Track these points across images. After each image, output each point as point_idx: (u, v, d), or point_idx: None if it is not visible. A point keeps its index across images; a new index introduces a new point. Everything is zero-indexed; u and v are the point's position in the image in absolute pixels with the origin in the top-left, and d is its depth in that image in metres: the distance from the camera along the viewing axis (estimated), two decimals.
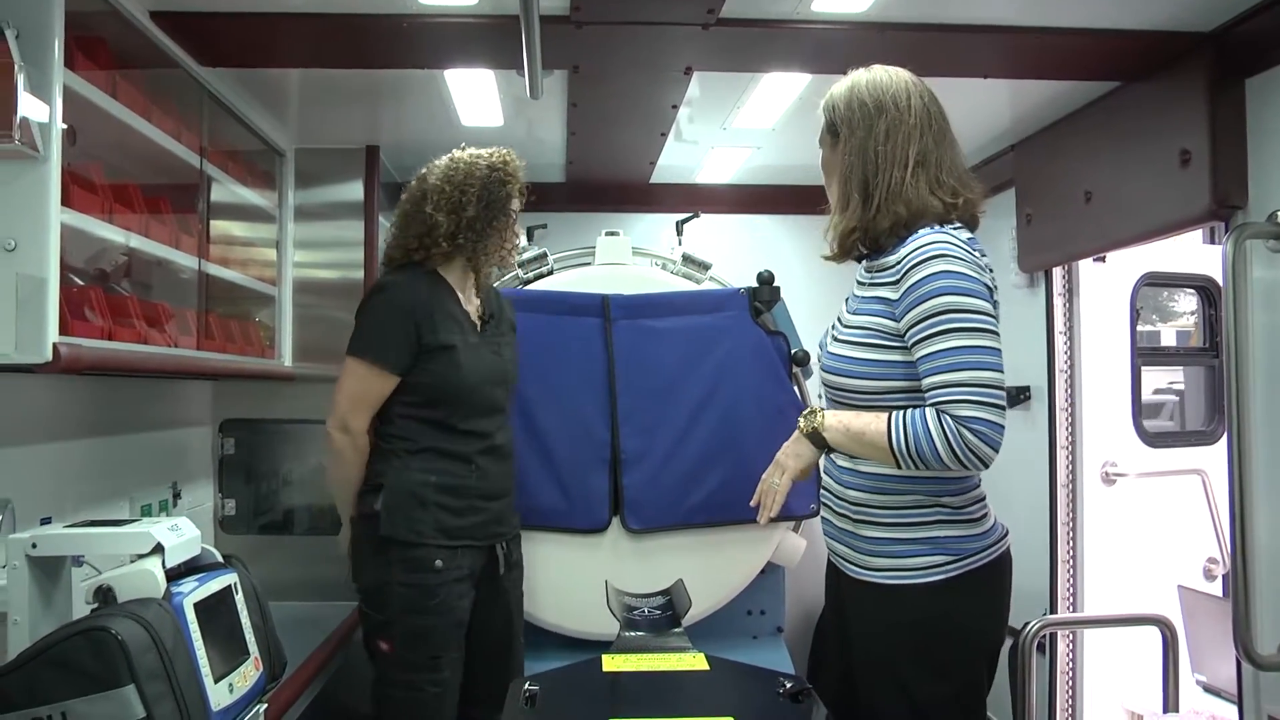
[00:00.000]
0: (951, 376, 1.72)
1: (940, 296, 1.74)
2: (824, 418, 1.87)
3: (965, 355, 1.72)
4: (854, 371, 1.86)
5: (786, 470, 1.92)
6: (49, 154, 1.78)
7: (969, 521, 1.85)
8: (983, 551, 1.84)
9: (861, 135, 1.87)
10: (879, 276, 1.87)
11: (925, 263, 1.76)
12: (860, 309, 1.89)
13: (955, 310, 1.73)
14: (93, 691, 1.52)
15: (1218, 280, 3.69)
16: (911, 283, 1.77)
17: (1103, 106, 2.86)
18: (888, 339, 1.82)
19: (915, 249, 1.79)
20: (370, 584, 2.39)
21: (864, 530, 1.89)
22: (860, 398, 1.86)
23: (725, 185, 4.05)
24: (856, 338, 1.87)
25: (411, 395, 2.41)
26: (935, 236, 1.80)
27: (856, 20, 2.33)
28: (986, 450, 1.70)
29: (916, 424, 1.73)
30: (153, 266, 2.40)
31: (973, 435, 1.69)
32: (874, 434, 1.78)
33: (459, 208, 2.41)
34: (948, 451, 1.70)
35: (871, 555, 1.88)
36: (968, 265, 1.77)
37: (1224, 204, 2.40)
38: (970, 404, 1.70)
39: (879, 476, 1.86)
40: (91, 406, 2.47)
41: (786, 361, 3.13)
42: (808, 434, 1.90)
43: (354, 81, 2.81)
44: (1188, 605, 3.13)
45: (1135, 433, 3.43)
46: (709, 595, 2.99)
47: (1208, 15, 2.35)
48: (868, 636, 1.91)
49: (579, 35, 2.32)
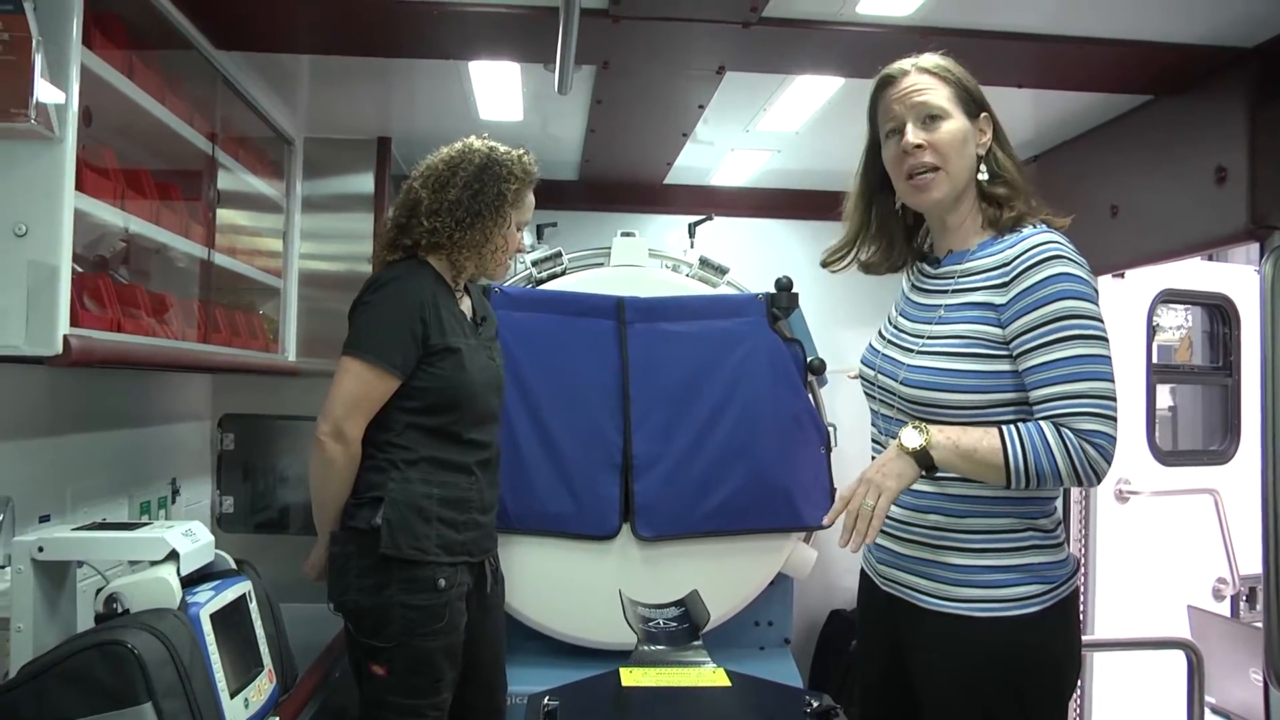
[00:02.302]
0: (1071, 387, 1.58)
1: (1061, 301, 1.59)
2: (932, 434, 1.64)
3: (1085, 365, 1.59)
4: (954, 385, 1.67)
5: (885, 491, 1.63)
6: (64, 135, 1.68)
7: (1057, 546, 1.73)
8: (1070, 579, 1.72)
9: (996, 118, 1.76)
10: (974, 280, 1.71)
11: (1043, 263, 1.62)
12: (950, 316, 1.72)
13: (1076, 316, 1.59)
14: (107, 709, 1.44)
15: (1233, 299, 3.71)
16: (1027, 285, 1.62)
17: (1134, 120, 2.82)
18: (993, 347, 1.66)
19: (1029, 250, 1.64)
20: (364, 606, 2.17)
21: (948, 558, 1.70)
22: (958, 414, 1.68)
23: (740, 188, 4.00)
24: (954, 348, 1.69)
25: (413, 400, 2.23)
26: (1049, 236, 1.66)
27: (900, 24, 2.28)
28: (1104, 465, 1.59)
29: (1034, 439, 1.58)
30: (151, 254, 2.30)
31: (1094, 450, 1.57)
32: (987, 450, 1.60)
33: (443, 186, 2.25)
34: (1068, 468, 1.57)
35: (957, 585, 1.70)
36: (1084, 269, 1.64)
37: (1261, 223, 2.37)
38: (1090, 416, 1.58)
39: (968, 498, 1.69)
40: (88, 400, 2.36)
41: (803, 370, 3.08)
42: (914, 452, 1.64)
43: (369, 69, 2.72)
44: (1197, 626, 3.11)
45: (1149, 450, 3.40)
46: (718, 605, 2.93)
47: (1251, 30, 2.32)
48: (950, 676, 1.72)
49: (615, 30, 2.25)
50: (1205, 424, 4.41)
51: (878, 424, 1.86)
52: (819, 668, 3.84)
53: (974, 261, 1.72)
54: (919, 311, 1.80)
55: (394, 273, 2.28)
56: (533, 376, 2.95)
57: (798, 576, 3.23)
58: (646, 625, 2.42)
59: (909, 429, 1.66)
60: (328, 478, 2.22)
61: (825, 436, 3.09)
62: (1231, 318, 3.71)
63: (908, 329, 1.80)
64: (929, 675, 1.76)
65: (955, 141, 1.73)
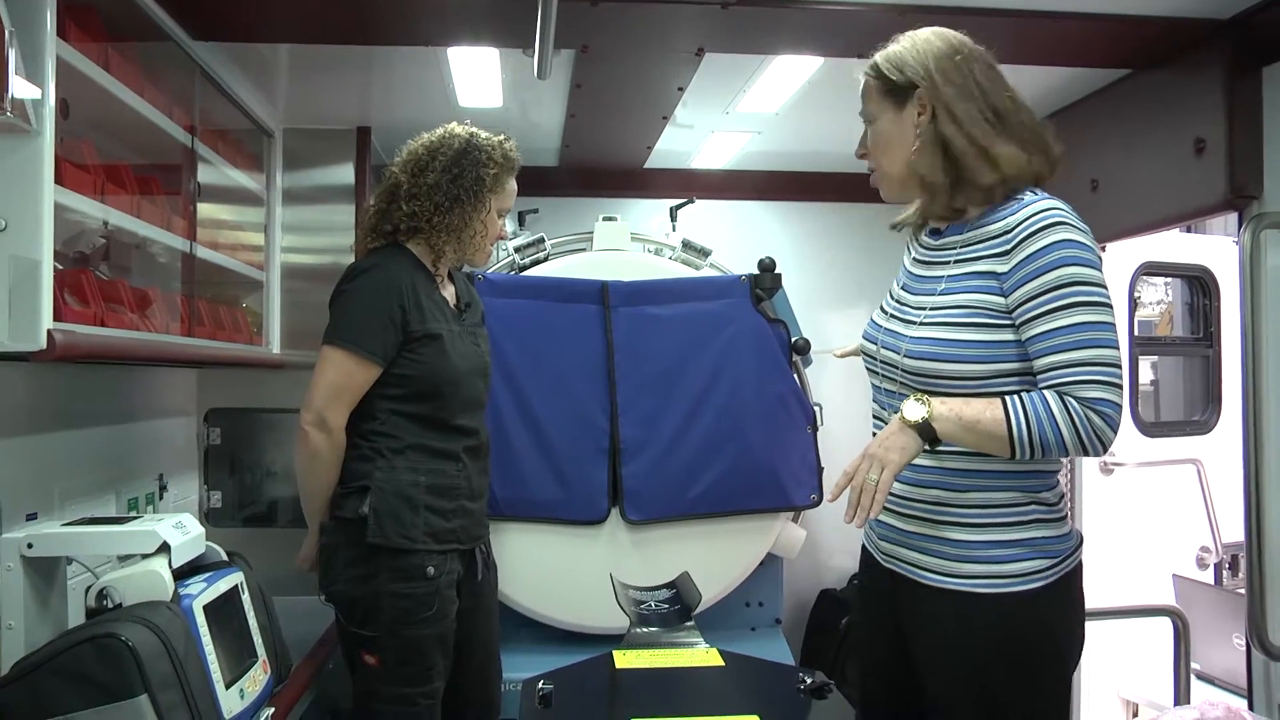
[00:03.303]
0: (1076, 355, 1.56)
1: (1064, 268, 1.57)
2: (934, 406, 1.61)
3: (1089, 332, 1.56)
4: (957, 355, 1.65)
5: (889, 465, 1.60)
6: (42, 128, 1.66)
7: (1060, 520, 1.70)
8: (1073, 553, 1.70)
9: (941, 90, 1.68)
10: (975, 250, 1.69)
11: (1045, 230, 1.59)
12: (953, 287, 1.69)
13: (1080, 283, 1.57)
14: (103, 702, 1.43)
15: (1213, 271, 3.74)
16: (1030, 252, 1.59)
17: (1112, 94, 2.84)
18: (996, 316, 1.63)
19: (1030, 216, 1.61)
20: (354, 595, 2.17)
21: (949, 533, 1.68)
22: (963, 385, 1.65)
23: (721, 171, 3.99)
24: (956, 318, 1.66)
25: (395, 388, 2.22)
26: (1049, 203, 1.63)
27: (879, 2, 2.27)
28: (1110, 434, 1.56)
29: (1038, 408, 1.56)
30: (132, 249, 2.28)
31: (1099, 418, 1.55)
32: (990, 421, 1.58)
33: (421, 170, 2.25)
34: (1073, 437, 1.55)
35: (959, 561, 1.67)
36: (1087, 235, 1.62)
37: (1240, 193, 2.39)
38: (1096, 384, 1.55)
39: (969, 472, 1.67)
40: (72, 396, 2.34)
41: (787, 350, 3.09)
42: (916, 424, 1.62)
43: (347, 57, 2.70)
44: (1183, 594, 3.15)
45: (1132, 422, 3.43)
46: (709, 587, 2.93)
47: (1226, 2, 2.33)
48: (952, 653, 1.69)
49: (593, 13, 2.24)
50: (1187, 396, 4.46)
51: (880, 399, 1.83)
52: (810, 647, 3.86)
53: (974, 231, 1.70)
54: (920, 284, 1.78)
55: (372, 260, 2.27)
56: (518, 362, 2.95)
57: (787, 556, 3.25)
58: (639, 608, 2.43)
59: (911, 401, 1.64)
60: (313, 468, 2.21)
61: (812, 416, 3.11)
62: (1211, 289, 3.74)
63: (910, 301, 1.77)
64: (931, 653, 1.74)
65: (880, 143, 1.77)
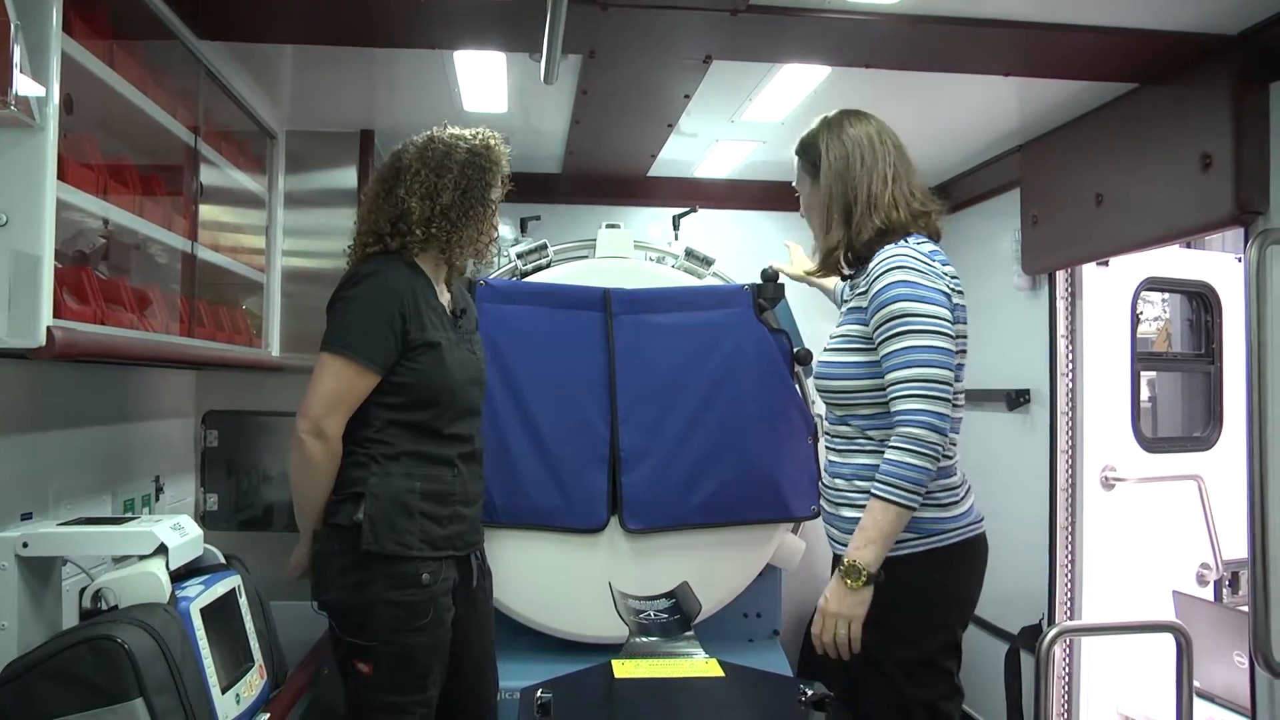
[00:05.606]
0: (900, 374, 1.95)
1: (896, 303, 1.97)
2: (857, 557, 1.95)
3: (911, 354, 1.95)
4: (840, 374, 2.11)
5: (854, 619, 1.99)
6: (45, 124, 1.66)
7: (937, 506, 2.02)
8: (949, 533, 2.03)
9: (841, 161, 2.13)
10: (855, 290, 2.12)
11: (885, 273, 2.00)
12: (843, 320, 2.16)
13: (907, 315, 1.96)
14: (97, 705, 1.41)
15: (1214, 287, 3.74)
16: (874, 291, 2.01)
17: (1118, 108, 2.84)
18: (865, 343, 2.06)
19: (878, 263, 2.03)
20: (348, 603, 2.13)
21: (843, 512, 2.10)
22: (849, 397, 2.09)
23: (724, 180, 3.99)
24: (840, 344, 2.13)
25: (392, 396, 2.19)
26: (896, 250, 2.02)
27: (888, 11, 2.28)
28: (931, 435, 1.90)
29: (888, 469, 1.93)
30: (131, 250, 2.27)
31: (914, 428, 1.91)
32: (882, 519, 1.93)
33: (433, 193, 2.21)
34: (917, 457, 1.90)
35: (849, 534, 2.02)
36: (924, 275, 1.99)
37: (1246, 209, 2.39)
38: (910, 398, 1.93)
39: (858, 466, 2.08)
40: (71, 396, 2.32)
41: (789, 360, 3.08)
42: (864, 584, 1.96)
43: (352, 59, 2.69)
44: (1183, 611, 3.13)
45: (1134, 437, 3.42)
46: (707, 597, 2.91)
47: (1234, 18, 2.34)
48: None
49: (602, 18, 2.24)
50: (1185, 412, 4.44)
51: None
52: (808, 659, 3.83)
53: (859, 277, 2.13)
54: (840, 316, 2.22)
55: (372, 267, 2.23)
56: (519, 369, 2.93)
57: (786, 568, 3.23)
58: (638, 617, 2.41)
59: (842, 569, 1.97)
60: (308, 475, 2.18)
61: (813, 427, 3.09)
62: (1214, 305, 3.73)
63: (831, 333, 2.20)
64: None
65: (806, 210, 2.26)
